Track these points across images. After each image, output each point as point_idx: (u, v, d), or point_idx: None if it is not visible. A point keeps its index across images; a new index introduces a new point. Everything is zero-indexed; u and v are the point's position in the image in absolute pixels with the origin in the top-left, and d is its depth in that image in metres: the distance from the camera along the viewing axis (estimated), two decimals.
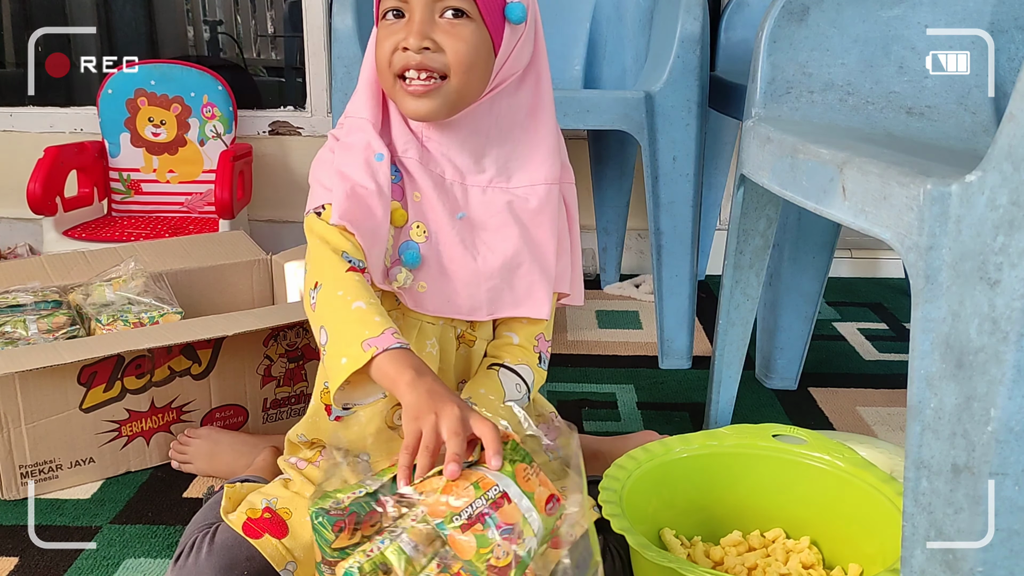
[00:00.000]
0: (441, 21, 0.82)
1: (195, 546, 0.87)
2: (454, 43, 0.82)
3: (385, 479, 0.74)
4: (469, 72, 0.83)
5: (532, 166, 0.91)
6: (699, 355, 1.58)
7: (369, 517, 0.70)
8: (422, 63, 0.82)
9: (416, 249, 0.88)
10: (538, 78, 0.91)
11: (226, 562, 0.85)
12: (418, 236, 0.88)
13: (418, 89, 0.83)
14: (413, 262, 0.87)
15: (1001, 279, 0.60)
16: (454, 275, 0.89)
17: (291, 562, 0.86)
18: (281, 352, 1.26)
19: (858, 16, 1.06)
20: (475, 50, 0.83)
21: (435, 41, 0.82)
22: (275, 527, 0.87)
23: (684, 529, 0.96)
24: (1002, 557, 0.62)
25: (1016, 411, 0.60)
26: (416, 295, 0.89)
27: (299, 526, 0.88)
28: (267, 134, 2.12)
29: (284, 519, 0.88)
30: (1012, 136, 0.58)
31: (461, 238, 0.88)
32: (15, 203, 2.05)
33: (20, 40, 2.53)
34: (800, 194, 0.88)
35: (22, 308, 1.22)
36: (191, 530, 0.90)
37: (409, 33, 0.81)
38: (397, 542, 0.67)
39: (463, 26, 0.82)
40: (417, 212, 0.88)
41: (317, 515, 0.70)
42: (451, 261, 0.89)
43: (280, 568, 0.86)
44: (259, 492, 0.92)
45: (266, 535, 0.86)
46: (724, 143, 1.96)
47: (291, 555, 0.86)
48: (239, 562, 0.85)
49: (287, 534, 0.87)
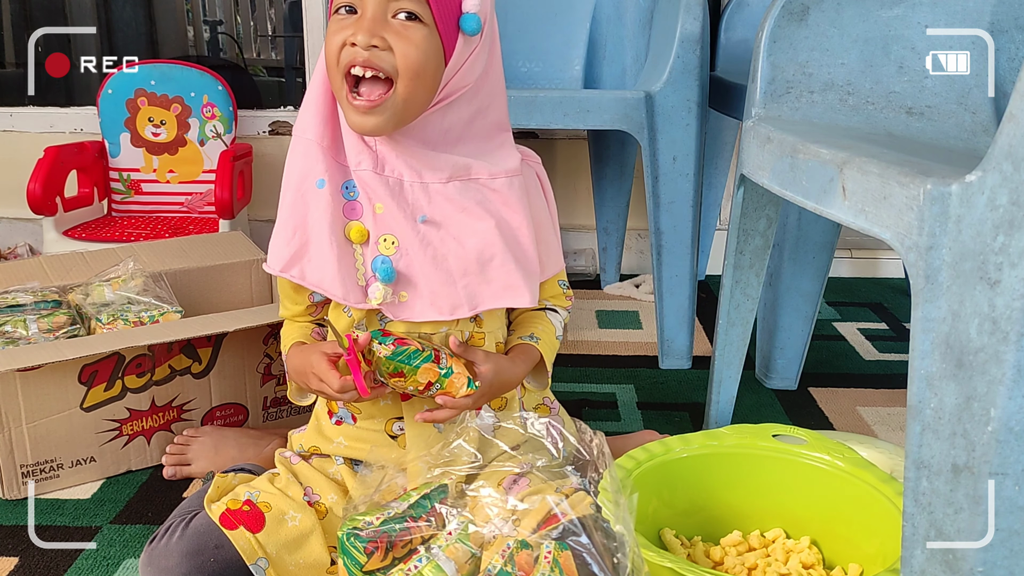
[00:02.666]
0: (393, 22, 0.81)
1: (169, 529, 0.88)
2: (404, 45, 0.80)
3: (411, 500, 0.74)
4: (417, 78, 0.82)
5: (492, 160, 0.90)
6: (699, 355, 1.58)
7: (400, 538, 0.71)
8: (369, 60, 0.80)
9: (389, 263, 0.87)
10: (491, 92, 0.90)
11: (193, 547, 0.86)
12: (387, 249, 0.88)
13: (363, 105, 0.82)
14: (388, 277, 0.87)
15: (1001, 279, 0.60)
16: (429, 279, 0.88)
17: (262, 558, 0.87)
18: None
19: (858, 16, 1.06)
20: (425, 55, 0.81)
21: (385, 39, 0.80)
22: (252, 520, 0.88)
23: (684, 529, 0.96)
24: (1002, 557, 0.62)
25: (1016, 411, 0.60)
26: (398, 307, 0.89)
27: (276, 522, 0.88)
28: (267, 134, 2.12)
29: (263, 512, 0.89)
30: (1012, 136, 0.58)
31: (427, 242, 0.88)
32: (15, 203, 2.05)
33: (20, 40, 2.53)
34: (800, 194, 0.88)
35: (22, 308, 1.22)
36: (173, 515, 0.92)
37: (359, 29, 0.80)
38: (435, 560, 0.68)
39: (415, 29, 0.81)
40: (382, 225, 0.88)
41: (348, 536, 0.71)
42: (423, 266, 0.88)
43: (250, 562, 0.86)
44: (246, 484, 0.93)
45: (241, 527, 0.87)
46: (724, 143, 1.96)
47: (263, 551, 0.87)
48: (206, 549, 0.86)
49: (262, 529, 0.88)
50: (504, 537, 0.72)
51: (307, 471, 0.95)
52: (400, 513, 0.74)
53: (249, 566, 0.86)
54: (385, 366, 0.84)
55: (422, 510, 0.74)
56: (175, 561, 0.86)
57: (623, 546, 0.72)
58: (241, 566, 0.86)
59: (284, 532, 0.89)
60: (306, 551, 0.89)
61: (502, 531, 0.72)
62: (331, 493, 0.93)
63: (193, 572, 0.85)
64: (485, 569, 0.70)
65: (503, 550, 0.70)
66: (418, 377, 0.85)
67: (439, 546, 0.71)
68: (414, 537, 0.73)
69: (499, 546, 0.71)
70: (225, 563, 0.86)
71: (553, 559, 0.70)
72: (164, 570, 0.86)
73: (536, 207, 0.95)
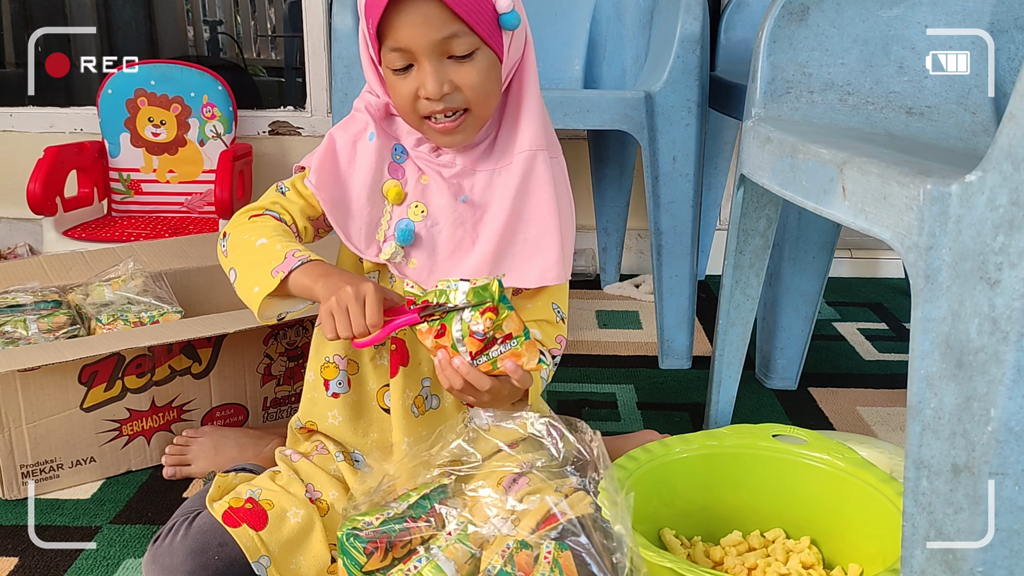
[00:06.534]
0: (448, 61, 0.84)
1: (173, 528, 0.89)
2: (468, 79, 0.84)
3: (411, 501, 0.74)
4: (487, 99, 0.87)
5: (519, 137, 0.91)
6: (699, 355, 1.58)
7: (399, 538, 0.71)
8: (446, 107, 0.85)
9: (410, 227, 0.91)
10: (526, 57, 0.91)
11: (198, 546, 0.87)
12: (415, 215, 0.91)
13: (447, 126, 0.87)
14: (404, 239, 0.90)
15: (1001, 279, 0.60)
16: (449, 255, 0.91)
17: (265, 556, 0.87)
18: (281, 351, 1.26)
19: (858, 16, 1.06)
20: (487, 76, 0.86)
21: (451, 82, 0.84)
22: (255, 518, 0.89)
23: (684, 529, 0.96)
24: (1002, 557, 0.62)
25: (1016, 411, 0.60)
26: (404, 268, 0.92)
27: (278, 520, 0.89)
28: (267, 134, 2.12)
29: (265, 510, 0.90)
30: (1012, 136, 0.58)
31: (461, 220, 0.91)
32: (15, 203, 2.05)
33: (20, 40, 2.53)
34: (800, 194, 0.88)
35: (22, 308, 1.22)
36: (176, 514, 0.92)
37: (424, 80, 0.84)
38: (435, 560, 0.68)
39: (475, 60, 0.84)
40: (421, 194, 0.91)
41: (348, 536, 0.71)
42: (447, 241, 0.91)
43: (253, 559, 0.87)
44: (247, 483, 0.94)
45: (244, 525, 0.88)
46: (724, 143, 1.96)
47: (266, 548, 0.88)
48: (211, 547, 0.87)
49: (265, 526, 0.89)
50: (503, 537, 0.72)
51: (308, 468, 0.96)
52: (400, 513, 0.74)
53: (251, 564, 0.87)
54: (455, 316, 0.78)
55: (422, 510, 0.74)
56: (180, 559, 0.86)
57: (622, 546, 0.72)
58: (244, 564, 0.87)
59: (287, 529, 0.89)
60: (307, 549, 0.90)
61: (501, 531, 0.72)
62: (332, 489, 0.94)
63: (197, 570, 0.86)
64: (485, 569, 0.70)
65: (503, 550, 0.70)
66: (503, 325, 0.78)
67: (439, 546, 0.71)
68: (414, 537, 0.73)
69: (499, 546, 0.71)
70: (229, 561, 0.87)
71: (553, 559, 0.70)
72: (169, 568, 0.86)
73: (561, 195, 0.94)
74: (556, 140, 0.96)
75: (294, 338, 1.27)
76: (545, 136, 0.92)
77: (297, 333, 1.27)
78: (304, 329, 1.27)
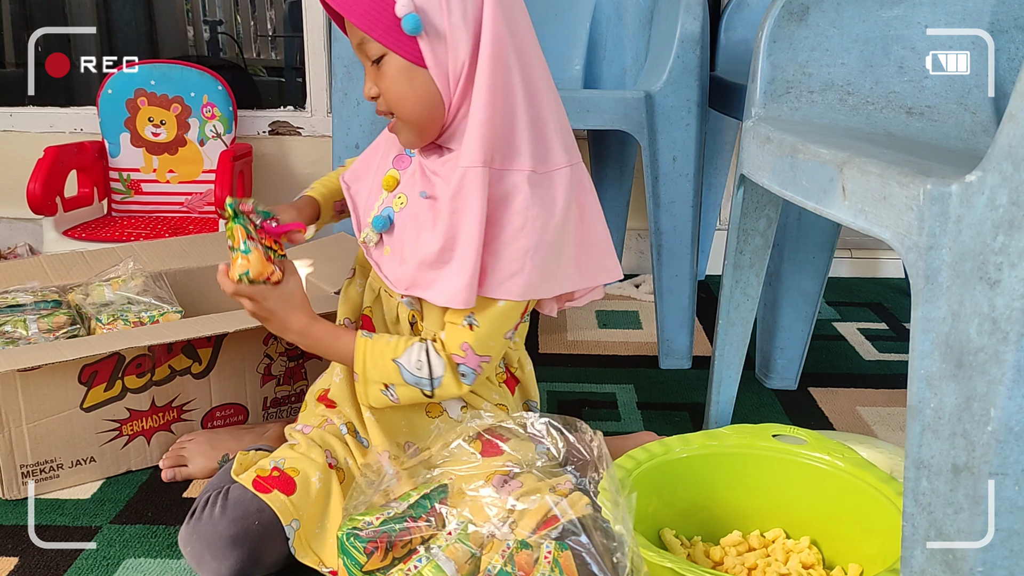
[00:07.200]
0: (373, 65, 0.88)
1: (209, 502, 0.93)
2: (381, 84, 0.88)
3: (411, 500, 0.74)
4: (404, 103, 0.88)
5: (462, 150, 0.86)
6: (699, 355, 1.58)
7: (400, 538, 0.71)
8: (380, 110, 0.91)
9: (390, 215, 0.95)
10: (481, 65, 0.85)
11: (239, 514, 0.91)
12: (396, 205, 0.95)
13: (390, 126, 0.95)
14: (378, 225, 0.95)
15: (1001, 279, 0.60)
16: (408, 247, 0.92)
17: (295, 520, 0.93)
18: (281, 351, 1.26)
19: (858, 16, 1.06)
20: (396, 81, 0.87)
21: (376, 86, 0.89)
22: (283, 484, 0.94)
23: (684, 529, 0.96)
24: (1002, 557, 0.62)
25: (1016, 411, 0.60)
26: (376, 254, 0.96)
27: (305, 485, 0.94)
28: (267, 134, 2.12)
29: (292, 477, 0.94)
30: (1012, 136, 0.58)
31: (422, 216, 0.91)
32: (15, 203, 2.05)
33: (20, 40, 2.53)
34: (800, 194, 0.88)
35: (22, 308, 1.22)
36: (204, 492, 0.95)
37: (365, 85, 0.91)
38: (435, 560, 0.68)
39: (385, 66, 0.87)
40: (406, 185, 0.95)
41: (348, 536, 0.71)
42: (409, 234, 0.93)
43: (286, 522, 0.92)
44: (268, 457, 0.98)
45: (275, 491, 0.93)
46: (724, 143, 1.96)
47: (296, 512, 0.93)
48: (251, 513, 0.92)
49: (295, 491, 0.93)
50: (501, 540, 0.72)
51: (323, 436, 1.00)
52: (400, 513, 0.74)
53: (284, 527, 0.92)
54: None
55: (422, 510, 0.75)
56: (223, 528, 0.91)
57: (622, 546, 0.72)
58: (277, 528, 0.92)
59: (313, 494, 0.95)
60: (329, 514, 0.95)
61: (500, 531, 0.72)
62: (346, 456, 0.99)
63: (240, 536, 0.90)
64: (485, 569, 0.70)
65: (503, 550, 0.70)
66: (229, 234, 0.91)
67: (439, 546, 0.71)
68: (414, 537, 0.73)
69: (498, 546, 0.71)
70: (265, 526, 0.91)
71: (553, 559, 0.70)
72: (212, 537, 0.91)
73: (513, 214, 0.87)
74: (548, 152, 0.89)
75: None
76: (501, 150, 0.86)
77: None
78: None
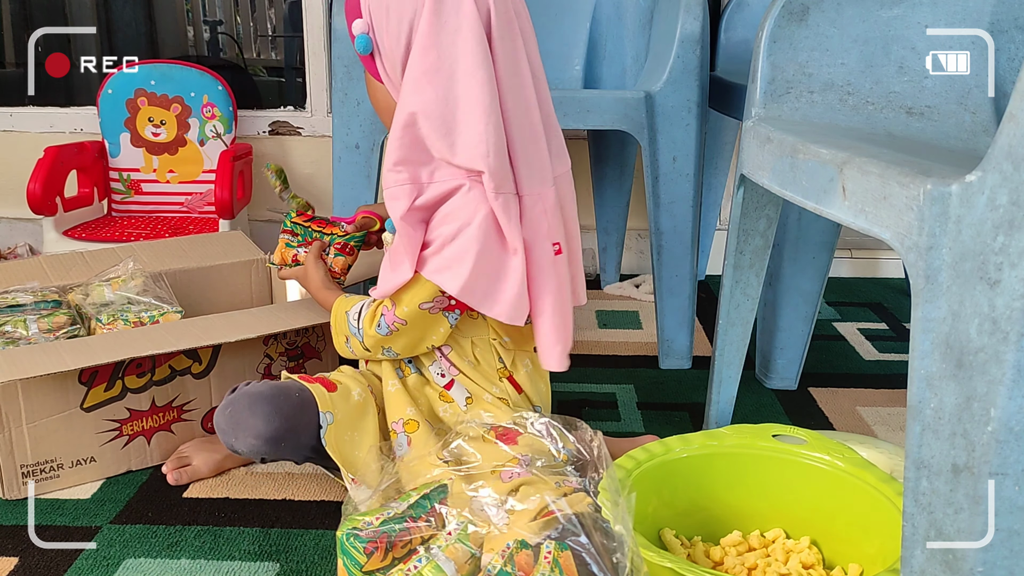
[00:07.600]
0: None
1: (249, 382, 1.02)
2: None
3: (411, 501, 0.74)
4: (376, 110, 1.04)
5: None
6: (699, 355, 1.58)
7: (400, 538, 0.71)
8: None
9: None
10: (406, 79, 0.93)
11: (281, 385, 1.01)
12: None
13: None
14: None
15: (1001, 279, 0.60)
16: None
17: (330, 412, 1.00)
18: (281, 351, 1.26)
19: (858, 16, 1.06)
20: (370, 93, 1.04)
21: None
22: (326, 383, 1.03)
23: (684, 529, 0.96)
24: (1002, 557, 0.62)
25: (1016, 411, 0.60)
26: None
27: (345, 392, 1.03)
28: (267, 134, 2.12)
29: (334, 382, 1.04)
30: (1012, 136, 0.58)
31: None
32: (15, 203, 2.05)
33: (20, 40, 2.53)
34: (800, 194, 0.88)
35: (22, 308, 1.22)
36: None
37: None
38: (435, 560, 0.68)
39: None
40: None
41: (348, 536, 0.71)
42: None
43: (323, 410, 1.00)
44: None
45: (318, 383, 1.02)
46: (724, 143, 1.96)
47: (333, 407, 1.00)
48: (292, 386, 1.01)
49: (336, 391, 1.02)
50: (501, 537, 0.72)
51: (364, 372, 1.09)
52: (400, 513, 0.74)
53: (320, 413, 0.99)
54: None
55: (422, 510, 0.75)
56: (265, 388, 0.99)
57: (622, 546, 0.72)
58: (313, 412, 0.99)
59: (351, 403, 1.03)
60: (363, 428, 1.02)
61: (496, 518, 0.72)
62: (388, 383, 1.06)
63: (280, 395, 0.98)
64: (485, 569, 0.70)
65: (503, 550, 0.70)
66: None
67: (439, 546, 0.71)
68: (414, 537, 0.73)
69: (499, 545, 0.71)
70: (304, 401, 0.99)
71: (553, 559, 0.70)
72: (252, 395, 0.98)
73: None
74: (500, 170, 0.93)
75: (294, 338, 1.27)
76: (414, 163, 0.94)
77: (297, 333, 1.27)
78: (304, 329, 1.27)
